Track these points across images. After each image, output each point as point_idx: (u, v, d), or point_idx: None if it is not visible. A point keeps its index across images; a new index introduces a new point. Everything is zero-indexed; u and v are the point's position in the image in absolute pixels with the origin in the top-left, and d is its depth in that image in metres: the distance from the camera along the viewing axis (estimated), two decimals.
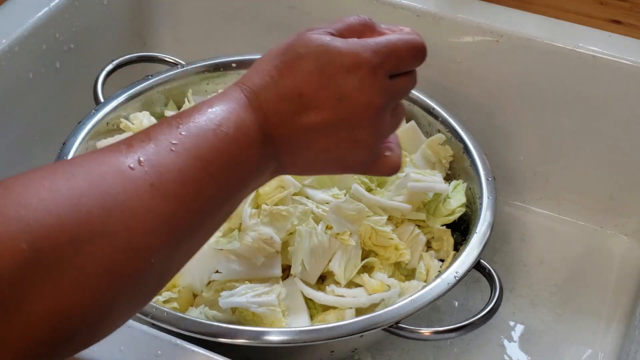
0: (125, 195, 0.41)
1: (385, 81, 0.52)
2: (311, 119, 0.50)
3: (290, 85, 0.50)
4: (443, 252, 0.79)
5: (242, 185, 0.49)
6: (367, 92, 0.51)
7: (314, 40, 0.51)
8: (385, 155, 0.56)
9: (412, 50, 0.53)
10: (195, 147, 0.45)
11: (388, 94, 0.52)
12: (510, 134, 0.93)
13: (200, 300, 0.73)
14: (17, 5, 0.88)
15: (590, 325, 0.85)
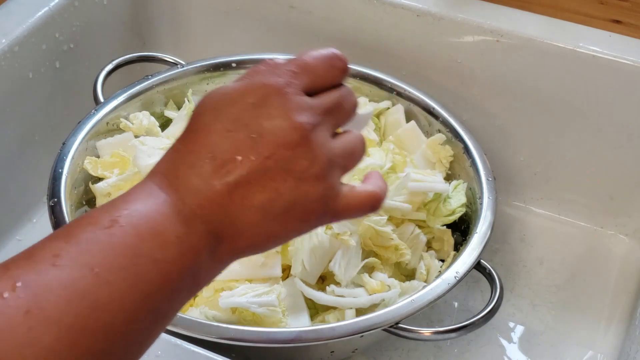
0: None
1: (301, 98, 0.45)
2: (234, 175, 0.42)
3: (197, 150, 0.43)
4: (443, 252, 0.79)
5: (171, 283, 0.39)
6: (280, 117, 0.43)
7: (210, 93, 0.45)
8: (352, 190, 0.47)
9: (324, 58, 0.47)
10: (83, 254, 0.37)
11: (310, 110, 0.44)
12: (510, 134, 0.93)
13: (200, 300, 0.73)
14: (17, 5, 0.88)
15: (590, 326, 0.85)
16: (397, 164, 0.83)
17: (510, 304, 0.86)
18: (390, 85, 0.89)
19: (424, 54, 0.92)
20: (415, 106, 0.87)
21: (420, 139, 0.86)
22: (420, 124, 0.87)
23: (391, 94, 0.89)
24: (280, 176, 0.43)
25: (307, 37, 0.97)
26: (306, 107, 0.44)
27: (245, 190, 0.42)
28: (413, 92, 0.88)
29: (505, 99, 0.91)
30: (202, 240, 0.41)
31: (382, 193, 0.48)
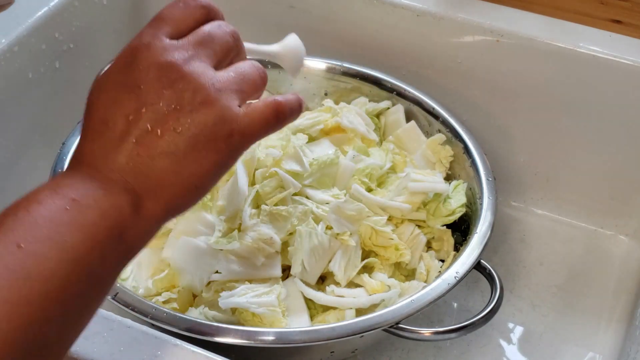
0: None
1: (164, 43, 0.47)
2: (130, 132, 0.44)
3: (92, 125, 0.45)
4: (443, 253, 0.79)
5: (100, 245, 0.41)
6: (152, 65, 0.45)
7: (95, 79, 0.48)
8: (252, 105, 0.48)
9: (175, 4, 0.49)
10: (7, 233, 0.39)
11: (177, 49, 0.46)
12: (510, 134, 0.93)
13: (200, 300, 0.73)
14: (17, 5, 0.87)
15: (590, 326, 0.85)
16: (397, 164, 0.83)
17: (510, 304, 0.86)
18: (390, 85, 0.89)
19: (424, 54, 0.92)
20: (415, 106, 0.87)
21: (420, 139, 0.86)
22: (420, 124, 0.87)
23: (391, 94, 0.89)
24: (171, 116, 0.45)
25: (307, 37, 0.97)
26: (173, 48, 0.46)
27: (147, 142, 0.44)
28: (413, 92, 0.88)
29: (505, 99, 0.91)
30: (120, 199, 0.43)
31: (286, 101, 0.50)
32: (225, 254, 0.73)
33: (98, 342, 0.57)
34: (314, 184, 0.79)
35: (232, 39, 0.51)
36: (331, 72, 0.90)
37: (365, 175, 0.80)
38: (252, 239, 0.72)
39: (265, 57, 0.60)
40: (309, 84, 0.91)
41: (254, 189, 0.76)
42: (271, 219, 0.74)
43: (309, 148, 0.83)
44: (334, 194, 0.78)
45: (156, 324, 0.64)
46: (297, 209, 0.75)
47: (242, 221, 0.74)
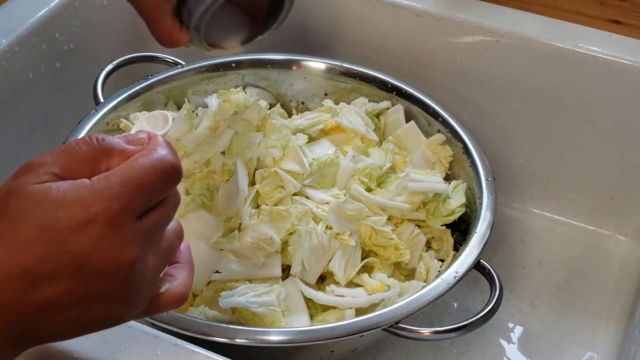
0: None
1: (133, 228, 0.42)
2: (46, 293, 0.41)
3: (9, 262, 0.40)
4: (443, 252, 0.79)
5: None
6: (109, 250, 0.41)
7: (31, 195, 0.42)
8: (161, 292, 0.47)
9: (161, 176, 0.43)
10: None
11: (139, 241, 0.42)
12: (510, 134, 0.94)
13: (200, 300, 0.73)
14: (17, 5, 0.88)
15: (590, 326, 0.85)
16: (397, 164, 0.83)
17: (510, 304, 0.86)
18: (390, 85, 0.89)
19: (423, 54, 0.92)
20: (415, 106, 0.87)
21: (420, 139, 0.86)
22: (420, 124, 0.87)
23: (391, 94, 0.89)
24: (95, 299, 0.42)
25: (307, 37, 0.97)
26: (137, 240, 0.42)
27: (55, 310, 0.41)
28: (413, 92, 0.88)
29: (505, 99, 0.92)
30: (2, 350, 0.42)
31: (189, 289, 0.48)
32: (225, 254, 0.73)
33: (98, 342, 0.57)
34: (314, 184, 0.79)
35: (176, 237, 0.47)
36: (331, 72, 0.90)
37: (365, 175, 0.80)
38: (252, 238, 0.72)
39: None
40: (309, 84, 0.91)
41: (254, 189, 0.76)
42: (271, 219, 0.74)
43: (309, 148, 0.83)
44: (334, 194, 0.78)
45: (156, 323, 0.65)
46: (297, 208, 0.75)
47: (242, 221, 0.74)
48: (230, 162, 0.76)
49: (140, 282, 0.44)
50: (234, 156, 0.76)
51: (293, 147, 0.79)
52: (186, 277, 0.49)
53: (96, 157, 0.43)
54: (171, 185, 0.44)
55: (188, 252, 0.51)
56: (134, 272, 0.42)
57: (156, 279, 0.46)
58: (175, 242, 0.47)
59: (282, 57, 0.91)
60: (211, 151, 0.78)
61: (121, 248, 0.41)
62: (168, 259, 0.47)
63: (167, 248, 0.46)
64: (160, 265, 0.46)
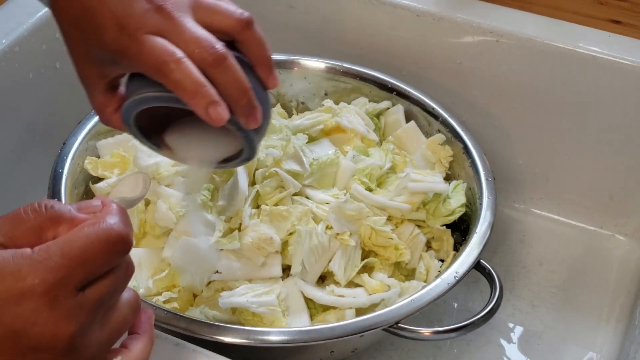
0: None
1: (72, 301, 0.40)
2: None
3: None
4: (443, 252, 0.79)
5: None
6: (45, 324, 0.39)
7: None
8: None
9: (105, 247, 0.41)
10: None
11: (80, 314, 0.41)
12: (510, 134, 0.94)
13: (200, 300, 0.73)
14: (17, 5, 0.88)
15: (590, 326, 0.85)
16: (397, 164, 0.83)
17: (510, 304, 0.86)
18: (390, 85, 0.89)
19: (423, 54, 0.92)
20: (415, 106, 0.87)
21: (420, 139, 0.86)
22: (420, 124, 0.87)
23: (391, 94, 0.89)
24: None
25: (307, 37, 0.97)
26: (76, 311, 0.40)
27: None
28: (413, 92, 0.88)
29: (505, 99, 0.92)
30: None
31: None
32: (225, 254, 0.73)
33: None
34: (314, 184, 0.79)
35: (126, 285, 0.45)
36: (331, 72, 0.90)
37: (365, 175, 0.80)
38: (252, 238, 0.72)
39: None
40: (309, 84, 0.91)
41: (254, 189, 0.76)
42: (271, 219, 0.74)
43: (309, 148, 0.83)
44: (334, 194, 0.78)
45: (156, 323, 0.64)
46: (297, 208, 0.75)
47: (242, 221, 0.74)
48: None
49: (84, 356, 0.42)
50: None
51: (293, 147, 0.79)
52: (142, 349, 0.47)
53: (43, 226, 0.42)
54: (117, 256, 0.42)
55: (149, 323, 0.49)
56: (75, 346, 0.41)
57: (106, 351, 0.45)
58: (128, 314, 0.45)
59: (282, 57, 0.91)
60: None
61: (58, 322, 0.40)
62: (120, 331, 0.45)
63: (119, 320, 0.45)
64: (110, 338, 0.44)
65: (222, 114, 0.49)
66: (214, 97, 0.49)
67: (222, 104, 0.49)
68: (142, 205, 0.78)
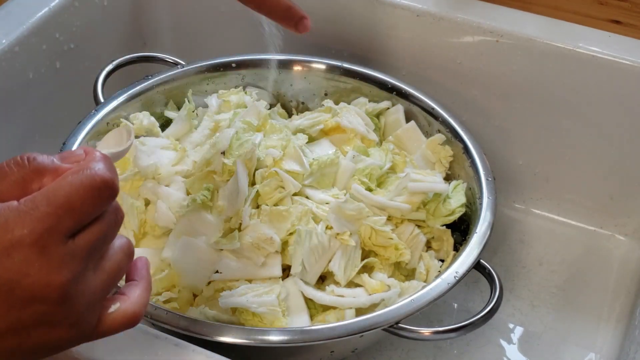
0: None
1: (62, 249, 0.40)
2: None
3: None
4: (443, 252, 0.79)
5: None
6: (38, 274, 0.40)
7: None
8: (109, 313, 0.45)
9: (91, 193, 0.41)
10: None
11: (72, 262, 0.41)
12: (510, 134, 0.94)
13: (200, 300, 0.73)
14: (17, 5, 0.88)
15: (590, 326, 0.85)
16: (397, 164, 0.83)
17: (510, 304, 0.86)
18: (390, 85, 0.89)
19: (423, 54, 0.92)
20: (415, 106, 0.87)
21: (420, 139, 0.86)
22: (420, 124, 0.87)
23: (391, 94, 0.89)
24: (32, 325, 0.41)
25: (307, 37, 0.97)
26: (67, 259, 0.41)
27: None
28: (413, 92, 0.88)
29: (505, 99, 0.92)
30: None
31: (143, 307, 0.47)
32: (225, 254, 0.73)
33: (98, 342, 0.57)
34: (314, 184, 0.79)
35: (116, 232, 0.45)
36: (331, 72, 0.91)
37: (365, 175, 0.80)
38: (252, 238, 0.72)
39: None
40: (309, 84, 0.91)
41: (254, 189, 0.76)
42: (271, 219, 0.74)
43: (309, 148, 0.83)
44: (334, 194, 0.78)
45: (156, 323, 0.65)
46: (297, 208, 0.75)
47: (242, 221, 0.74)
48: (230, 162, 0.76)
49: (79, 305, 0.42)
50: (234, 156, 0.76)
51: (293, 147, 0.79)
52: (140, 294, 0.47)
53: (27, 178, 0.42)
54: (103, 201, 0.42)
55: (145, 269, 0.49)
56: (69, 294, 0.41)
57: (102, 299, 0.45)
58: (122, 259, 0.45)
59: (282, 57, 0.91)
60: (211, 151, 0.78)
61: (50, 271, 0.40)
62: (115, 278, 0.45)
63: (113, 266, 0.45)
64: (105, 285, 0.44)
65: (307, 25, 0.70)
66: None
67: None
68: (142, 205, 0.78)
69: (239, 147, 0.77)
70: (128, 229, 0.77)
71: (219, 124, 0.84)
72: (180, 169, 0.80)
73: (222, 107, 0.87)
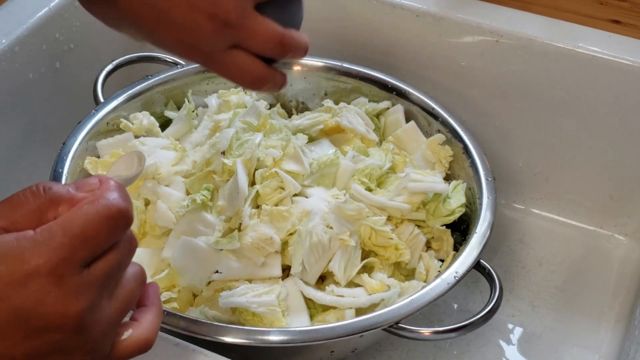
0: None
1: (78, 278, 0.41)
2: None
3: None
4: (443, 252, 0.79)
5: None
6: (54, 304, 0.40)
7: None
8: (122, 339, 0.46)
9: (107, 222, 0.41)
10: None
11: (87, 291, 0.41)
12: (510, 134, 0.94)
13: (200, 300, 0.73)
14: (17, 5, 0.88)
15: (590, 326, 0.85)
16: (397, 164, 0.83)
17: (510, 304, 0.86)
18: (390, 85, 0.89)
19: (423, 54, 0.92)
20: (415, 106, 0.87)
21: (420, 139, 0.86)
22: (420, 124, 0.87)
23: (391, 94, 0.89)
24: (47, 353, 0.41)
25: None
26: (83, 288, 0.41)
27: None
28: (413, 92, 0.88)
29: (505, 99, 0.92)
30: None
31: (155, 333, 0.47)
32: (225, 254, 0.73)
33: None
34: (314, 184, 0.79)
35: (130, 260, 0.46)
36: (331, 72, 0.91)
37: (365, 175, 0.80)
38: (252, 238, 0.72)
39: None
40: (309, 84, 0.91)
41: (254, 189, 0.76)
42: (271, 219, 0.74)
43: (309, 148, 0.83)
44: (334, 194, 0.78)
45: None
46: (298, 209, 0.75)
47: (242, 221, 0.74)
48: (230, 162, 0.76)
49: (95, 332, 0.42)
50: (234, 156, 0.76)
51: (293, 147, 0.79)
52: (152, 320, 0.47)
53: (43, 207, 0.42)
54: (119, 231, 0.42)
55: (156, 295, 0.49)
56: (85, 323, 0.41)
57: (117, 327, 0.45)
58: (135, 287, 0.46)
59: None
60: (211, 151, 0.78)
61: (67, 300, 0.40)
62: (128, 305, 0.46)
63: (126, 294, 0.45)
64: (118, 313, 0.45)
65: None
66: None
67: None
68: (142, 205, 0.78)
69: (239, 147, 0.77)
70: None
71: (219, 124, 0.84)
72: (180, 169, 0.80)
73: (222, 107, 0.87)
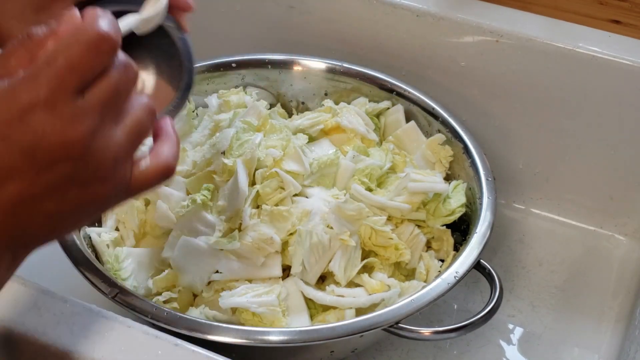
0: None
1: (73, 105, 0.41)
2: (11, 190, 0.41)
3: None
4: (443, 252, 0.79)
5: None
6: (53, 133, 0.41)
7: None
8: (143, 168, 0.47)
9: (86, 46, 0.42)
10: None
11: (86, 117, 0.42)
12: (510, 134, 0.94)
13: (200, 300, 0.73)
14: None
15: (590, 326, 0.85)
16: (397, 164, 0.83)
17: (510, 304, 0.86)
18: (390, 85, 0.89)
19: (423, 54, 0.92)
20: (415, 106, 0.87)
21: (420, 139, 0.86)
22: (420, 124, 0.87)
23: (391, 94, 0.89)
24: (64, 186, 0.42)
25: (306, 37, 0.97)
26: (80, 114, 0.41)
27: (28, 204, 0.42)
28: (413, 92, 0.88)
29: (505, 99, 0.92)
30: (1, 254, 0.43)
31: (174, 159, 0.49)
32: (225, 254, 0.73)
33: (99, 342, 0.57)
34: (314, 184, 0.79)
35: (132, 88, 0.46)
36: (331, 72, 0.90)
37: (365, 175, 0.80)
38: (253, 238, 0.72)
39: None
40: (309, 84, 0.91)
41: (254, 189, 0.76)
42: (271, 219, 0.74)
43: (309, 148, 0.83)
44: (334, 193, 0.78)
45: (156, 323, 0.65)
46: (298, 209, 0.75)
47: (242, 221, 0.74)
48: (230, 162, 0.76)
49: (105, 159, 0.43)
50: (234, 156, 0.76)
51: (293, 147, 0.79)
52: (169, 148, 0.49)
53: (32, 50, 0.43)
54: (103, 55, 0.42)
55: (170, 126, 0.50)
56: (90, 148, 0.42)
57: (131, 154, 0.46)
58: (143, 115, 0.46)
59: (282, 57, 0.91)
60: (211, 151, 0.78)
61: (64, 128, 0.41)
62: (139, 133, 0.46)
63: (134, 121, 0.45)
64: (130, 139, 0.45)
65: None
66: None
67: None
68: (142, 205, 0.78)
69: (239, 147, 0.77)
70: (128, 229, 0.77)
71: (219, 124, 0.84)
72: (180, 169, 0.80)
73: (222, 107, 0.87)
